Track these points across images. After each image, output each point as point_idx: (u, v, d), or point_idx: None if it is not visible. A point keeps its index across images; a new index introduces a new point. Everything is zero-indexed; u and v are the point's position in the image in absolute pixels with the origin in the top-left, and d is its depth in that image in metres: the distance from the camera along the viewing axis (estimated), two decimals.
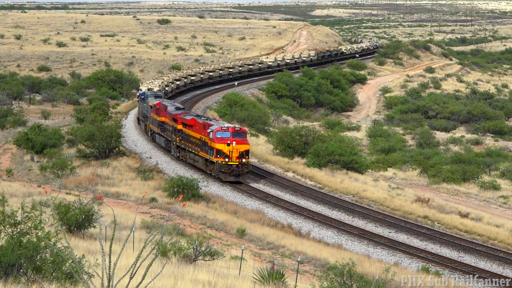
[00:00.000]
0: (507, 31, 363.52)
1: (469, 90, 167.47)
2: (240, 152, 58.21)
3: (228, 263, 33.26)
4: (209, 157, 59.77)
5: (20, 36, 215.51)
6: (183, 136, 65.46)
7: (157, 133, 74.42)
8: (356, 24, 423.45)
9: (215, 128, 58.72)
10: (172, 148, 69.13)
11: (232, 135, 58.39)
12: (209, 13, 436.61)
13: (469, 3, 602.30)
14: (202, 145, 60.67)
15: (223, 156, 58.32)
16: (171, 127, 68.30)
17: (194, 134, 62.73)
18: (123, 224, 41.33)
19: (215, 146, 58.39)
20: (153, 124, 75.77)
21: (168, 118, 69.48)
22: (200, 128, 61.37)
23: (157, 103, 74.20)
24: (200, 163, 61.98)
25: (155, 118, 74.25)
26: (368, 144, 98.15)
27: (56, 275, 22.28)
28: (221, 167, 58.42)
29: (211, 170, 60.24)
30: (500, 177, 76.06)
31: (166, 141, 71.15)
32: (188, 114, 68.48)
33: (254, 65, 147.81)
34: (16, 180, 60.30)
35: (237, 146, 58.14)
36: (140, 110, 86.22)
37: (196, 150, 62.43)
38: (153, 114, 75.50)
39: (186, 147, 64.98)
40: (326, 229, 48.59)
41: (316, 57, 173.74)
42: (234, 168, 58.35)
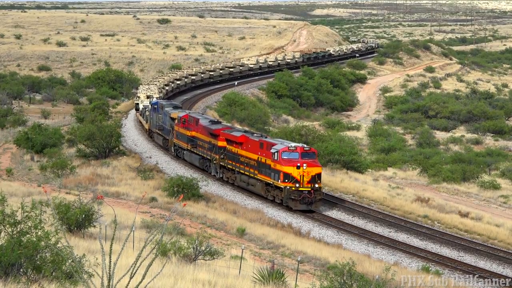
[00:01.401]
0: (507, 30, 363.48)
1: (469, 89, 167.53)
2: (312, 176, 50.71)
3: (228, 263, 33.25)
4: (272, 181, 52.27)
5: (20, 35, 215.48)
6: (229, 155, 58.21)
7: (186, 149, 66.55)
8: (356, 24, 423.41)
9: (281, 148, 51.28)
10: (212, 168, 61.44)
11: (301, 156, 50.98)
12: (209, 12, 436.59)
13: (469, 2, 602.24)
14: (261, 167, 53.35)
15: (292, 181, 50.63)
16: (208, 143, 61.39)
17: (246, 154, 55.61)
18: (123, 223, 41.32)
19: (282, 169, 50.82)
20: (180, 139, 67.82)
21: (202, 133, 62.69)
22: (255, 147, 54.35)
23: (184, 116, 66.87)
24: (258, 188, 54.41)
25: (183, 133, 66.63)
26: (368, 143, 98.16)
27: (56, 275, 22.28)
28: (291, 193, 50.78)
29: (274, 196, 53.01)
30: (500, 177, 76.06)
31: (202, 159, 63.56)
32: (233, 129, 61.64)
33: (235, 68, 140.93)
34: (16, 179, 60.30)
35: (308, 169, 50.62)
36: (153, 122, 77.73)
37: (251, 172, 54.99)
38: (178, 128, 67.72)
39: (235, 168, 57.60)
40: (326, 229, 48.58)
41: (301, 59, 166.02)
42: (306, 194, 50.73)
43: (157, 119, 75.63)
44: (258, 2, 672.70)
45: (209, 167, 62.15)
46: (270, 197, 53.45)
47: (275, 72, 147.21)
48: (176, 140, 69.18)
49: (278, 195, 52.32)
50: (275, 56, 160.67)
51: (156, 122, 76.05)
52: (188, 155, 66.23)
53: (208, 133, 61.24)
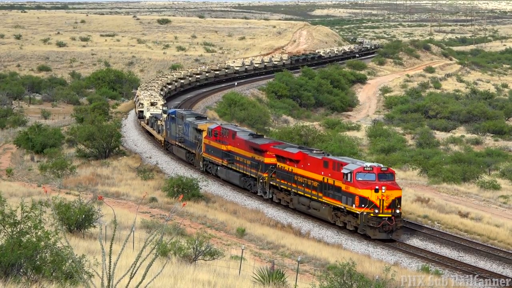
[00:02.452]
0: (507, 31, 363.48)
1: (469, 90, 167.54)
2: (392, 200, 45.03)
3: (228, 263, 33.25)
4: (343, 206, 46.51)
5: (20, 36, 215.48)
6: (281, 174, 52.65)
7: (220, 165, 60.64)
8: (356, 24, 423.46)
9: (356, 169, 45.50)
10: (258, 188, 55.38)
11: (378, 178, 45.24)
12: (209, 13, 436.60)
13: (469, 3, 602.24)
14: (326, 189, 47.74)
15: (370, 206, 44.86)
16: (251, 159, 55.96)
17: (304, 173, 50.03)
18: (123, 224, 41.33)
19: (357, 192, 45.07)
20: (212, 154, 61.89)
21: (242, 148, 57.32)
22: (317, 166, 48.75)
23: (216, 128, 61.17)
24: (323, 212, 48.64)
25: (215, 147, 60.96)
26: (368, 143, 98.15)
27: (56, 275, 22.27)
28: (369, 220, 45.02)
29: (344, 222, 47.27)
30: (500, 177, 76.02)
31: (243, 177, 57.78)
32: (285, 144, 55.59)
33: (221, 71, 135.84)
34: (16, 180, 60.29)
35: (388, 192, 44.89)
36: (171, 133, 71.45)
37: (313, 194, 49.26)
38: (209, 141, 61.98)
39: (290, 188, 51.75)
40: (326, 229, 48.58)
41: (289, 61, 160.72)
42: (386, 221, 44.94)
43: (177, 130, 69.22)
44: (258, 2, 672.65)
45: (253, 186, 56.31)
46: (339, 223, 47.53)
47: (262, 74, 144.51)
48: (206, 155, 63.01)
49: (350, 221, 46.36)
50: (261, 58, 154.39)
51: (176, 133, 69.51)
52: (224, 171, 60.23)
53: (251, 148, 55.80)
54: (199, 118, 68.40)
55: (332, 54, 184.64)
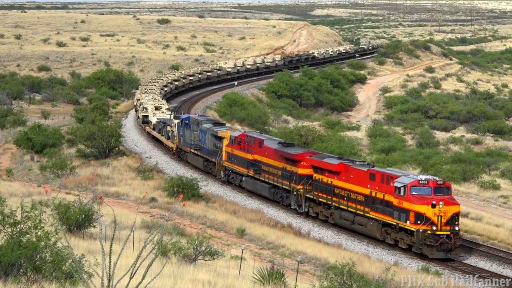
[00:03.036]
0: (507, 30, 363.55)
1: (469, 89, 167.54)
2: (450, 216, 41.76)
3: (228, 263, 33.26)
4: (395, 222, 42.99)
5: (20, 35, 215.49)
6: (318, 186, 49.24)
7: (246, 176, 57.04)
8: (356, 24, 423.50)
9: (410, 182, 42.13)
10: (292, 200, 51.62)
11: (434, 192, 41.97)
12: (209, 12, 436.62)
13: (469, 3, 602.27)
14: (374, 203, 44.30)
15: (427, 223, 41.44)
16: (282, 170, 52.33)
17: (346, 186, 46.70)
18: (123, 224, 41.33)
19: (412, 208, 41.67)
20: (235, 163, 58.14)
21: (271, 157, 53.73)
22: (362, 178, 45.41)
23: (240, 135, 57.69)
24: (370, 228, 45.09)
25: (239, 155, 57.40)
26: (368, 143, 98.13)
27: (56, 275, 22.28)
28: (426, 238, 41.56)
29: (396, 239, 43.72)
30: (500, 177, 76.03)
31: (273, 189, 53.94)
32: (322, 154, 52.13)
33: (213, 72, 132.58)
34: (16, 180, 60.29)
35: (446, 207, 41.63)
36: (185, 140, 67.56)
37: (358, 209, 45.80)
38: (232, 149, 58.43)
39: (331, 202, 48.26)
40: (326, 229, 48.60)
41: (282, 62, 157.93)
42: (445, 239, 41.52)
43: (191, 137, 65.51)
44: (258, 2, 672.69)
45: (285, 199, 52.64)
46: (389, 240, 44.11)
47: (254, 75, 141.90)
48: (227, 164, 59.37)
49: (403, 239, 42.92)
50: (253, 59, 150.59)
51: (191, 140, 65.72)
52: (250, 182, 56.50)
53: (281, 158, 52.26)
54: (217, 124, 64.82)
55: (327, 55, 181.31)
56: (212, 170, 62.61)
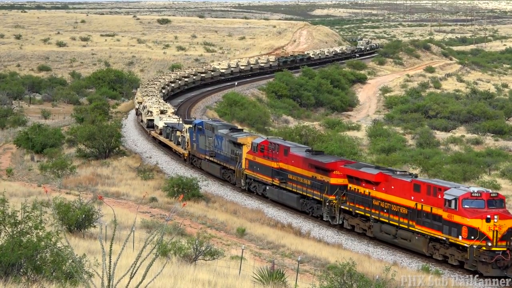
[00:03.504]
0: (507, 30, 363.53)
1: (469, 89, 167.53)
2: (506, 231, 39.07)
3: (228, 263, 33.27)
4: (445, 237, 40.19)
5: (20, 35, 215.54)
6: (354, 197, 46.39)
7: (270, 185, 54.02)
8: (356, 24, 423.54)
9: (462, 195, 39.51)
10: (324, 212, 48.60)
11: (488, 205, 39.45)
12: (209, 12, 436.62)
13: (469, 2, 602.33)
14: (419, 216, 41.49)
15: (481, 238, 38.79)
16: (311, 179, 49.47)
17: (386, 197, 43.85)
18: (123, 223, 41.34)
19: (465, 222, 39.10)
20: (258, 171, 55.20)
21: (299, 166, 50.87)
22: (404, 189, 42.61)
23: (263, 142, 54.74)
24: (416, 243, 42.04)
25: (262, 163, 54.40)
26: (368, 143, 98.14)
27: (56, 275, 22.28)
28: (480, 255, 38.78)
29: (446, 255, 40.85)
30: (500, 177, 76.08)
31: (302, 199, 50.94)
32: (357, 163, 49.95)
33: (207, 73, 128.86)
34: (16, 179, 60.32)
35: (501, 221, 39.00)
36: (198, 146, 64.47)
37: (401, 222, 42.78)
38: (254, 157, 55.48)
39: (369, 214, 45.39)
40: (326, 229, 48.61)
41: (277, 62, 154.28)
42: (500, 256, 38.73)
43: (206, 143, 62.59)
44: (258, 2, 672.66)
45: (316, 210, 49.68)
46: (438, 256, 41.24)
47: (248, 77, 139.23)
48: (249, 172, 56.42)
49: (454, 254, 40.20)
50: (247, 60, 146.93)
51: (205, 146, 62.80)
52: (275, 192, 53.52)
53: (311, 166, 49.49)
54: (235, 130, 61.71)
55: (322, 55, 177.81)
56: (230, 178, 59.58)
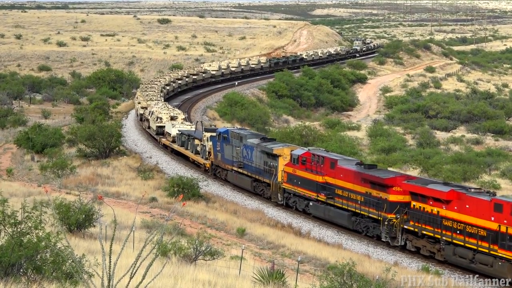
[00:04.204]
0: (508, 30, 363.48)
1: (469, 89, 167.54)
2: None
3: (228, 263, 33.28)
4: None
5: (20, 35, 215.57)
6: (420, 216, 41.94)
7: (314, 200, 49.81)
8: (356, 24, 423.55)
9: None
10: (383, 232, 43.98)
11: None
12: (209, 12, 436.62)
13: (469, 2, 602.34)
14: (504, 240, 37.16)
15: None
16: (365, 195, 45.11)
17: (461, 217, 39.47)
18: (123, 223, 41.35)
19: None
20: (299, 185, 50.95)
21: (349, 180, 46.69)
22: (483, 209, 38.27)
23: (304, 154, 50.51)
24: (501, 269, 37.84)
25: (305, 177, 50.22)
26: (368, 143, 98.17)
27: (56, 275, 22.29)
28: None
29: None
30: (501, 177, 76.10)
31: (355, 217, 46.57)
32: (418, 178, 46.42)
33: (198, 75, 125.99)
34: (16, 179, 60.32)
35: None
36: (223, 155, 60.42)
37: (480, 246, 38.43)
38: (294, 170, 51.17)
39: (440, 236, 40.82)
40: (326, 229, 48.61)
41: (268, 64, 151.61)
42: None
43: (233, 153, 58.61)
44: (259, 2, 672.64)
45: (373, 229, 45.36)
46: None
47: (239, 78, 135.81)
48: (287, 185, 52.19)
49: None
50: (238, 61, 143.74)
51: (232, 157, 58.81)
52: (321, 208, 49.32)
53: (365, 182, 45.35)
54: (266, 139, 57.70)
55: (316, 56, 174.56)
56: (264, 191, 55.48)
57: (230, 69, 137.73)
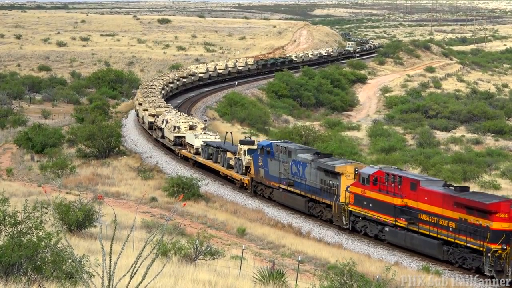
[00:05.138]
0: (507, 30, 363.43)
1: (469, 89, 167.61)
2: None
3: (229, 263, 33.27)
4: None
5: (20, 35, 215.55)
6: None
7: (391, 226, 44.01)
8: (356, 24, 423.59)
9: None
10: (485, 264, 38.41)
11: None
12: (209, 12, 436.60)
13: (469, 2, 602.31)
14: None
15: None
16: (458, 222, 39.86)
17: None
18: (123, 223, 41.33)
19: None
20: (370, 208, 45.38)
21: (436, 204, 41.41)
22: None
23: (376, 173, 45.18)
24: None
25: (378, 199, 44.73)
26: (368, 143, 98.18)
27: (57, 275, 22.27)
28: None
29: None
30: (501, 177, 76.09)
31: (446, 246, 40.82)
32: None
33: (187, 78, 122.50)
34: (16, 179, 60.30)
35: None
36: (268, 172, 54.78)
37: None
38: (364, 190, 45.66)
39: None
40: (327, 229, 48.59)
41: (256, 66, 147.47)
42: None
43: (280, 169, 53.34)
44: (258, 2, 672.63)
45: (471, 261, 39.60)
46: None
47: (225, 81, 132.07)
48: (355, 208, 46.53)
49: None
50: (225, 64, 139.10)
51: (280, 173, 53.38)
52: (401, 235, 43.42)
53: (458, 206, 40.06)
54: (320, 155, 52.16)
55: (306, 58, 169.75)
56: (322, 213, 50.11)
57: (217, 72, 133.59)
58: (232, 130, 74.72)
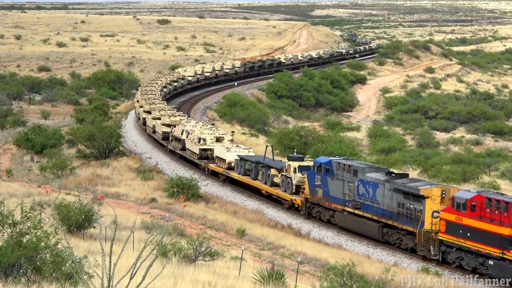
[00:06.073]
0: (507, 31, 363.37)
1: (469, 90, 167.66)
2: None
3: (228, 264, 33.27)
4: None
5: (20, 36, 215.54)
6: None
7: (498, 258, 37.89)
8: (356, 24, 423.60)
9: None
10: None
11: None
12: (209, 13, 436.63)
13: (469, 3, 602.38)
14: None
15: None
16: None
17: None
18: (123, 224, 41.31)
19: None
20: (469, 238, 39.37)
21: None
22: None
23: (474, 197, 39.33)
24: None
25: (478, 227, 38.86)
26: (368, 144, 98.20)
27: (56, 276, 22.27)
28: None
29: None
30: (500, 178, 76.11)
31: None
32: None
33: (178, 82, 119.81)
34: (16, 180, 60.27)
35: None
36: (329, 192, 49.52)
37: None
38: (459, 217, 39.64)
39: None
40: (326, 230, 48.59)
41: (243, 68, 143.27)
42: None
43: (344, 189, 48.24)
44: (258, 3, 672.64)
45: None
46: None
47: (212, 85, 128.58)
48: (448, 237, 40.55)
49: None
50: (212, 66, 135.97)
51: (345, 194, 48.11)
52: (510, 269, 37.30)
53: None
54: (393, 175, 46.77)
55: (295, 60, 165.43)
56: (402, 240, 44.40)
57: (205, 75, 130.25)
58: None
